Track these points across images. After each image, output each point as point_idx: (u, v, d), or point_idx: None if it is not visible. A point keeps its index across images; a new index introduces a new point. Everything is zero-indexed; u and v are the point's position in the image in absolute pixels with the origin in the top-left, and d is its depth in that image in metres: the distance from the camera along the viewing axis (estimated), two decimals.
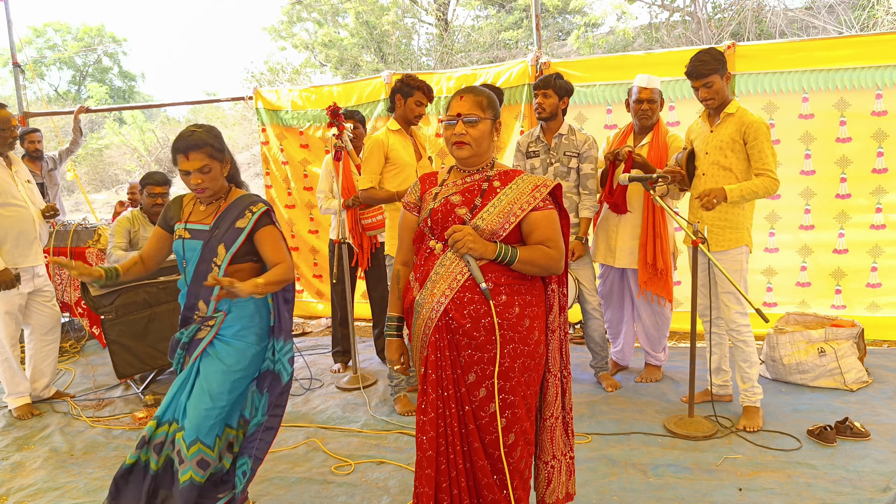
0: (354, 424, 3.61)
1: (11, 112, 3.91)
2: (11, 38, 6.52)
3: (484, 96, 2.10)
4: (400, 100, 3.65)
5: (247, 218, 2.37)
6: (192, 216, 2.46)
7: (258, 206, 2.41)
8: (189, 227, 2.43)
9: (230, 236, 2.36)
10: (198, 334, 2.41)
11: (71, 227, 5.19)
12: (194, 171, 2.33)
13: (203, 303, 2.40)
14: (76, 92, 25.01)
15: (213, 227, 2.39)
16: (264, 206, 2.41)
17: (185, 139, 2.33)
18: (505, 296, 2.06)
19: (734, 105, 3.30)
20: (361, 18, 15.82)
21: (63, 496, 2.98)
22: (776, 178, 3.18)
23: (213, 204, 2.46)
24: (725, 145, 3.28)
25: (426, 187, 2.23)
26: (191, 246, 2.40)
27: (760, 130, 3.19)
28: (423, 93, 3.62)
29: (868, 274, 4.56)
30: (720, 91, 3.28)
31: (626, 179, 3.39)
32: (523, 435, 2.13)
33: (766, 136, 3.20)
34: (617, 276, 4.08)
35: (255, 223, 2.37)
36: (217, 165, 2.37)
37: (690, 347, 3.30)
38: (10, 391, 3.93)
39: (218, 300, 2.36)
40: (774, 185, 3.18)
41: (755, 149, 3.20)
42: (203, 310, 2.41)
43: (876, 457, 2.97)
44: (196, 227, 2.42)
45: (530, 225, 2.09)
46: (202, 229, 2.41)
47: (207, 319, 2.40)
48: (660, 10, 13.84)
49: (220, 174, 2.40)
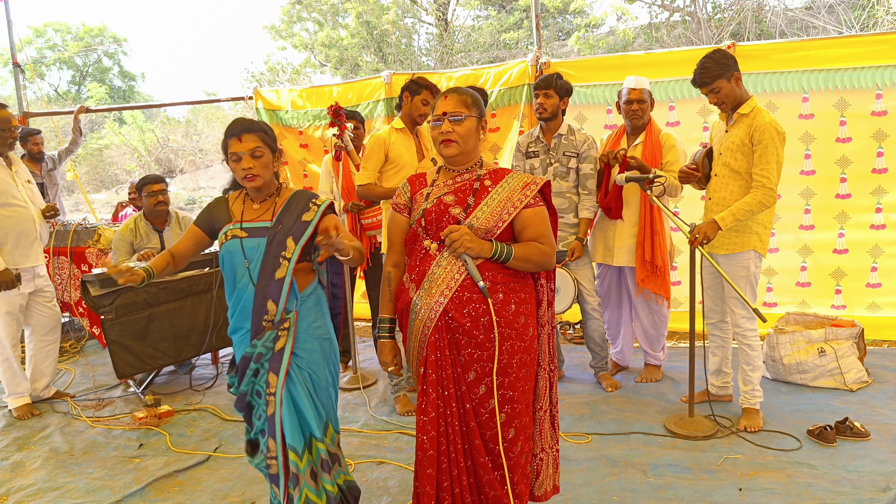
0: (354, 424, 3.62)
1: (12, 112, 3.91)
2: (11, 38, 6.52)
3: (468, 95, 2.14)
4: (408, 97, 3.67)
5: (312, 211, 2.30)
6: (247, 215, 2.36)
7: (321, 199, 2.35)
8: (246, 226, 2.33)
9: (298, 229, 2.27)
10: (276, 344, 2.25)
11: (71, 227, 5.19)
12: (246, 153, 2.24)
13: (272, 303, 2.24)
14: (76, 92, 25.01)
15: (276, 222, 2.30)
16: (327, 199, 2.37)
17: (240, 122, 2.29)
18: (502, 293, 2.08)
19: (748, 105, 3.19)
20: (361, 18, 15.83)
21: (63, 496, 2.98)
22: (771, 187, 3.09)
23: (267, 201, 2.37)
24: (736, 147, 3.21)
25: (416, 188, 2.24)
26: (251, 244, 2.29)
27: (767, 134, 3.08)
28: (430, 93, 3.64)
29: (868, 274, 4.56)
30: (729, 94, 3.18)
31: (623, 180, 3.39)
32: (523, 429, 2.15)
33: (773, 141, 3.09)
34: (615, 276, 4.08)
35: (321, 215, 2.30)
36: (269, 154, 2.30)
37: (689, 347, 3.30)
38: (11, 391, 3.93)
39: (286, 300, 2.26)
40: (770, 197, 3.10)
41: (758, 153, 3.11)
42: (272, 311, 2.24)
43: (876, 457, 2.97)
44: (255, 224, 2.32)
45: (523, 222, 2.11)
46: (262, 226, 2.31)
47: (282, 323, 2.25)
48: (660, 10, 13.85)
49: (271, 165, 2.33)
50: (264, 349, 2.25)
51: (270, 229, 2.29)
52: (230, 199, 2.45)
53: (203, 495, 2.93)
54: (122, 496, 2.93)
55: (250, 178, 2.27)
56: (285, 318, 2.26)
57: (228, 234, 2.33)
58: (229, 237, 2.33)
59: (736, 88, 3.19)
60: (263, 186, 2.34)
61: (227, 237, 2.33)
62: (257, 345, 2.24)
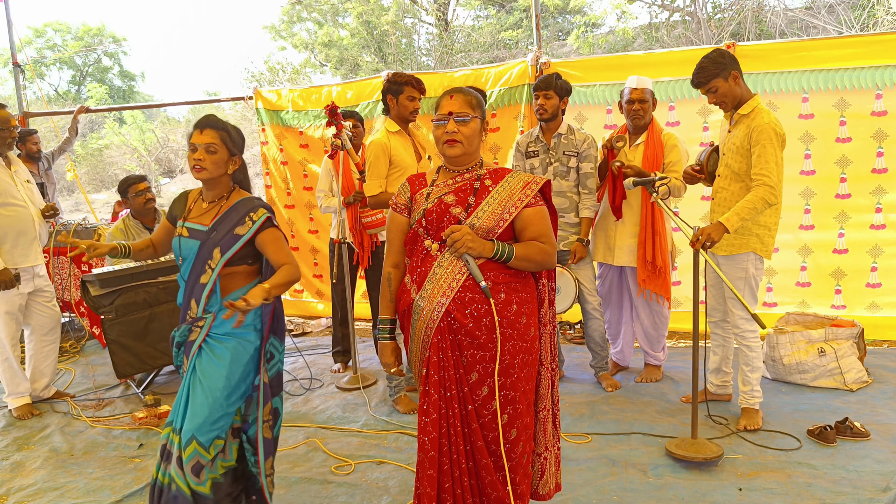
0: (354, 424, 3.61)
1: (11, 112, 3.91)
2: (11, 38, 6.52)
3: (473, 96, 2.14)
4: (392, 100, 3.63)
5: (247, 226, 2.34)
6: (193, 213, 2.45)
7: (259, 212, 2.37)
8: (188, 225, 2.42)
9: (227, 241, 2.33)
10: (190, 336, 2.39)
11: (71, 227, 5.19)
12: (201, 145, 2.32)
13: (195, 302, 2.38)
14: (76, 92, 25.01)
15: (210, 228, 2.37)
16: (265, 214, 2.37)
17: (208, 117, 2.38)
18: (503, 293, 2.08)
19: (749, 105, 3.17)
20: (362, 18, 15.83)
21: (63, 496, 2.98)
22: (771, 185, 3.04)
23: (215, 203, 2.44)
24: (736, 149, 3.19)
25: (416, 188, 2.23)
26: (188, 245, 2.39)
27: (764, 134, 3.05)
28: (412, 86, 3.59)
29: (868, 274, 4.56)
30: (727, 94, 3.16)
31: (631, 184, 3.37)
32: (525, 430, 2.15)
33: (771, 140, 3.06)
34: (616, 276, 4.08)
35: (255, 232, 2.34)
36: (224, 153, 2.36)
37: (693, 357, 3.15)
38: (10, 391, 3.93)
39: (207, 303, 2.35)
40: (771, 194, 3.05)
41: (756, 153, 3.08)
42: (194, 309, 2.38)
43: (876, 457, 2.97)
44: (195, 226, 2.40)
45: (523, 221, 2.11)
46: (200, 229, 2.39)
47: (197, 320, 2.37)
48: (660, 10, 13.85)
49: (225, 165, 2.38)
50: (181, 339, 2.43)
51: (205, 234, 2.37)
52: (191, 194, 2.55)
53: None
54: (122, 496, 2.93)
55: (197, 168, 2.35)
56: (202, 318, 2.37)
57: (176, 231, 2.46)
58: (176, 233, 2.45)
59: (735, 87, 3.17)
60: (211, 183, 2.41)
61: (176, 233, 2.46)
62: (177, 332, 2.43)
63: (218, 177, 2.39)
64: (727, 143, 3.28)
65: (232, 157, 2.40)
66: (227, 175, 2.42)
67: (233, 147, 2.39)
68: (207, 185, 2.43)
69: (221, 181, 2.43)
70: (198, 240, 2.37)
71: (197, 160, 2.34)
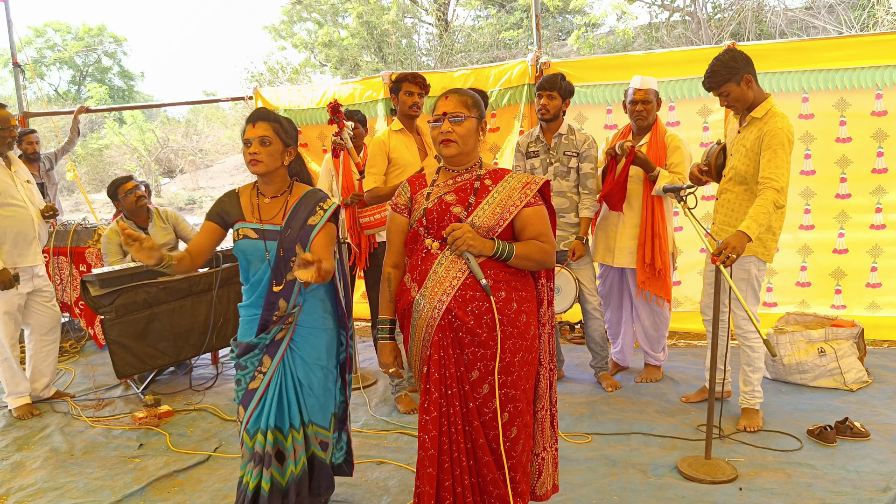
0: (354, 424, 3.61)
1: (11, 112, 3.91)
2: (11, 38, 6.52)
3: (468, 96, 2.16)
4: (394, 98, 3.73)
5: (319, 215, 2.36)
6: (261, 213, 2.41)
7: (328, 202, 2.40)
8: (256, 226, 2.38)
9: (304, 234, 2.34)
10: (278, 335, 2.38)
11: (71, 227, 5.19)
12: (255, 139, 2.31)
13: (283, 300, 2.36)
14: (76, 92, 25.02)
15: (285, 226, 2.35)
16: (334, 203, 2.41)
17: (259, 110, 2.38)
18: (504, 292, 2.09)
19: (762, 108, 3.09)
20: (362, 18, 15.83)
21: (63, 496, 2.97)
22: (779, 189, 3.00)
23: (279, 199, 2.42)
24: (746, 151, 3.14)
25: (416, 188, 2.25)
26: (258, 247, 2.37)
27: (777, 139, 2.98)
28: (408, 82, 3.67)
29: (868, 274, 4.56)
30: (740, 98, 3.10)
31: (662, 190, 3.32)
32: (525, 428, 2.16)
33: (783, 146, 2.99)
34: (616, 277, 4.08)
35: (326, 220, 2.37)
36: (279, 145, 2.35)
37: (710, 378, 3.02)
38: (10, 391, 3.93)
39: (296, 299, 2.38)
40: (779, 197, 3.01)
41: (767, 157, 3.02)
42: (283, 308, 2.36)
43: (876, 457, 2.97)
44: (266, 227, 2.37)
45: (523, 221, 2.12)
46: (273, 229, 2.36)
47: (287, 317, 2.37)
48: (660, 10, 13.85)
49: (280, 157, 2.37)
50: (268, 339, 2.37)
51: (281, 233, 2.35)
52: (240, 192, 2.49)
53: (203, 495, 2.93)
54: (122, 496, 2.93)
55: (254, 162, 2.33)
56: (290, 313, 2.37)
57: (240, 233, 2.39)
58: (241, 236, 2.38)
59: (747, 91, 3.09)
60: (268, 176, 2.38)
61: (240, 235, 2.39)
62: (264, 337, 2.36)
63: (275, 169, 2.37)
64: (736, 144, 3.23)
65: (287, 147, 2.39)
66: (283, 167, 2.41)
67: (286, 138, 2.38)
68: (265, 180, 2.40)
69: (279, 174, 2.41)
70: (273, 240, 2.35)
71: (252, 154, 2.32)
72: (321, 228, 2.36)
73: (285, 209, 2.39)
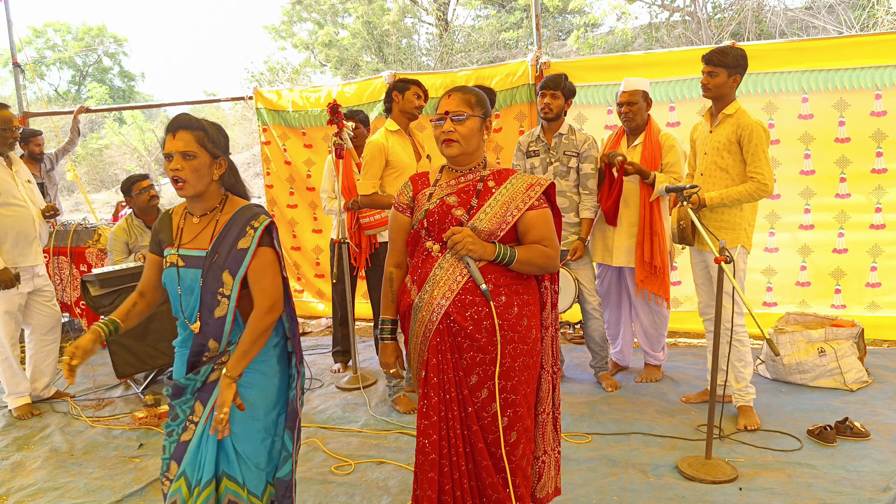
0: (354, 424, 3.62)
1: (12, 112, 3.91)
2: (11, 38, 6.52)
3: (472, 94, 2.11)
4: (397, 95, 3.70)
5: (249, 236, 1.98)
6: (185, 236, 2.05)
7: (260, 219, 2.00)
8: (182, 252, 2.02)
9: (234, 261, 1.97)
10: (211, 376, 2.01)
11: (71, 227, 5.19)
12: (176, 153, 1.94)
13: (214, 341, 2.01)
14: (76, 92, 25.01)
15: (211, 250, 1.99)
16: (266, 220, 2.01)
17: (179, 117, 1.99)
18: (504, 296, 2.06)
19: (733, 106, 3.29)
20: (362, 18, 15.83)
21: (63, 496, 2.98)
22: (765, 182, 3.16)
23: (208, 216, 2.05)
24: (722, 147, 3.28)
25: (419, 188, 2.22)
26: (187, 276, 2.01)
27: (755, 133, 3.17)
28: (419, 87, 3.70)
29: (868, 274, 4.56)
30: (720, 86, 3.25)
31: (664, 190, 3.34)
32: (525, 432, 2.14)
33: (761, 139, 3.18)
34: (615, 276, 4.08)
35: (258, 242, 1.98)
36: (206, 158, 1.98)
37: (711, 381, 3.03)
38: (10, 391, 3.93)
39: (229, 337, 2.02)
40: (761, 190, 3.17)
41: (749, 152, 3.19)
42: (214, 349, 2.02)
43: (876, 457, 2.97)
44: (191, 252, 2.02)
45: (526, 224, 2.09)
46: (198, 255, 2.00)
47: (220, 356, 2.01)
48: (660, 10, 13.85)
49: (208, 172, 2.00)
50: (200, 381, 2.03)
51: (206, 259, 1.99)
52: (173, 213, 2.14)
53: None
54: (122, 496, 2.93)
55: (177, 182, 1.97)
56: (225, 352, 2.02)
57: (167, 260, 2.05)
58: (167, 264, 2.05)
59: (730, 86, 3.27)
60: (196, 196, 2.02)
61: (167, 263, 2.05)
62: (194, 379, 2.02)
63: (203, 188, 2.01)
64: (710, 143, 3.35)
65: (215, 159, 2.01)
66: (213, 182, 2.03)
67: (214, 148, 2.00)
68: (192, 200, 2.05)
69: (209, 191, 2.03)
70: (198, 268, 1.99)
71: (174, 171, 1.94)
72: (253, 256, 1.97)
73: (214, 231, 2.01)
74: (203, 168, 1.98)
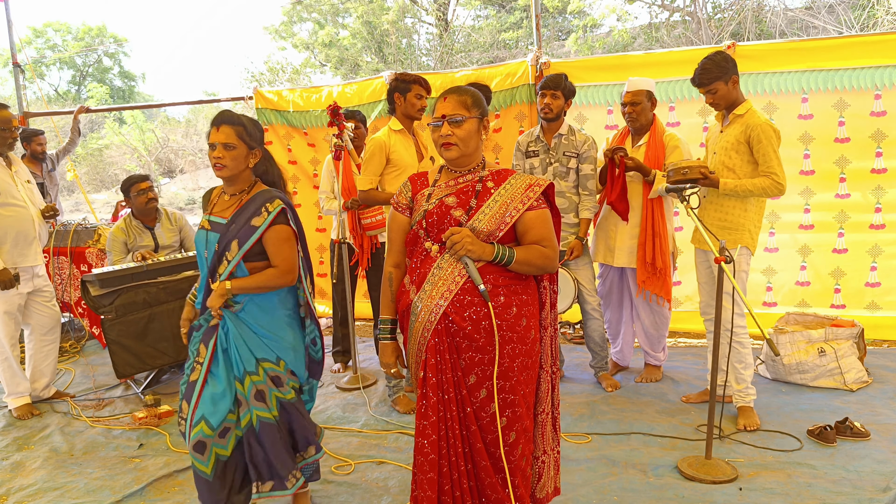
0: (354, 424, 3.62)
1: (12, 112, 3.91)
2: (11, 38, 6.52)
3: (468, 95, 2.10)
4: (399, 98, 3.65)
5: (263, 216, 2.36)
6: (217, 207, 2.49)
7: (275, 203, 2.38)
8: (211, 218, 2.46)
9: (245, 233, 2.35)
10: (212, 321, 2.41)
11: (71, 227, 5.19)
12: (219, 144, 2.35)
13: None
14: (76, 92, 25.02)
15: (230, 221, 2.39)
16: (281, 204, 2.38)
17: (223, 113, 2.40)
18: (503, 297, 2.06)
19: (744, 107, 3.28)
20: (362, 18, 15.83)
21: (63, 496, 2.98)
22: (779, 181, 3.16)
23: (236, 196, 2.46)
24: (731, 146, 3.28)
25: (418, 188, 2.22)
26: (211, 238, 2.43)
27: (764, 133, 3.16)
28: (420, 85, 3.64)
29: (867, 273, 4.56)
30: (725, 96, 3.27)
31: (665, 190, 3.34)
32: (524, 433, 2.14)
33: (770, 139, 3.17)
34: (616, 276, 4.08)
35: (270, 222, 2.36)
36: (243, 149, 2.38)
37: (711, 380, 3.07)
38: (10, 391, 3.93)
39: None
40: (775, 187, 3.17)
41: (759, 152, 3.18)
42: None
43: (876, 457, 2.97)
44: (216, 219, 2.44)
45: (525, 225, 2.09)
46: (220, 222, 2.42)
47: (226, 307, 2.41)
48: (660, 10, 13.85)
49: (244, 160, 2.41)
50: (204, 322, 2.44)
51: (224, 226, 2.40)
52: (216, 189, 2.59)
53: None
54: (122, 496, 2.93)
55: (217, 167, 2.38)
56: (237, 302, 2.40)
57: (200, 224, 2.51)
58: (200, 227, 2.50)
59: (732, 91, 3.28)
60: (232, 179, 2.43)
61: (200, 227, 2.51)
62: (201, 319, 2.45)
63: (238, 173, 2.42)
64: (720, 143, 3.35)
65: (251, 150, 2.42)
66: (247, 169, 2.45)
67: (250, 141, 2.41)
68: (228, 181, 2.46)
69: (242, 176, 2.44)
70: (217, 232, 2.40)
71: (216, 158, 2.36)
72: (267, 230, 2.36)
73: (238, 206, 2.43)
74: (240, 157, 2.39)
